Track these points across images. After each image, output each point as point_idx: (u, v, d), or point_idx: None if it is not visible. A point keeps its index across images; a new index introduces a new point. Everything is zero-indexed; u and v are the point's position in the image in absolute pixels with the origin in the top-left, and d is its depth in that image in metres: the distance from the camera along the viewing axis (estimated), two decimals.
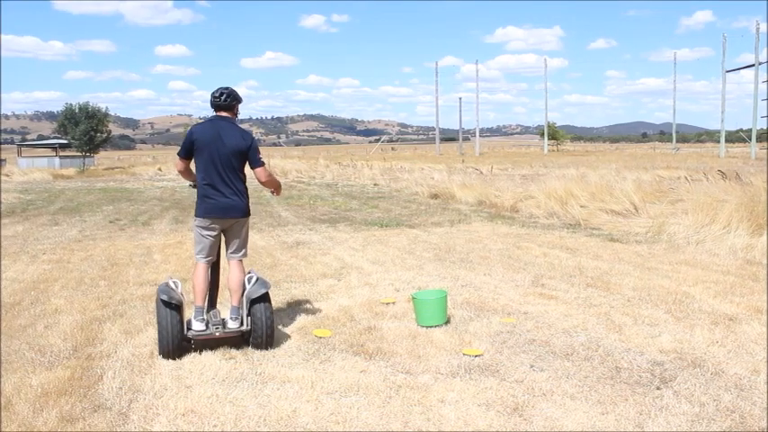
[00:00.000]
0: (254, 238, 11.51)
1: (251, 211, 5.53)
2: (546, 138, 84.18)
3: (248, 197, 5.43)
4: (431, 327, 5.72)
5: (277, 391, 4.37)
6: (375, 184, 25.56)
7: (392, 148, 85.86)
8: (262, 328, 5.15)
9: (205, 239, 5.33)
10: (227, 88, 5.38)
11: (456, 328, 5.76)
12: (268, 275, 7.95)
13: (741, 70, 64.78)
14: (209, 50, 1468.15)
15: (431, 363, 4.87)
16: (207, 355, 5.08)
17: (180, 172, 5.60)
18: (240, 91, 5.42)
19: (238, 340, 5.34)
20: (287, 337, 5.58)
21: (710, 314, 6.13)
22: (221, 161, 5.21)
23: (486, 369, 4.73)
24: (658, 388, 4.38)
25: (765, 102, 53.94)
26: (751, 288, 7.23)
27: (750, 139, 54.96)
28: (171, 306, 5.02)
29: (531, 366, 4.80)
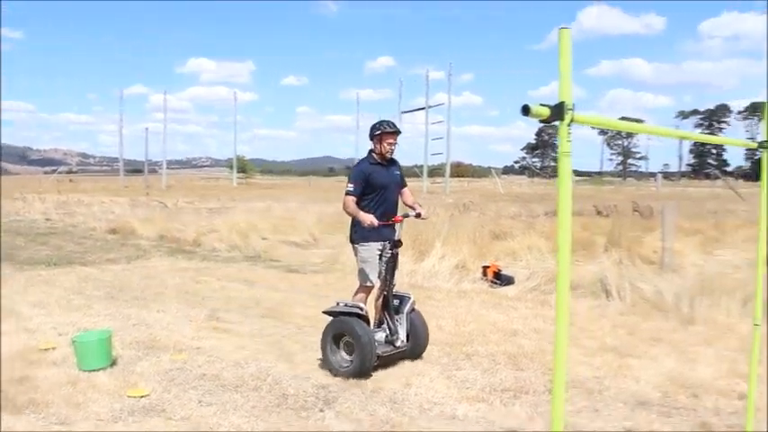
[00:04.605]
0: None
1: (354, 241, 6.02)
2: (235, 171, 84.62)
3: (352, 226, 5.98)
4: (94, 370, 5.37)
5: None
6: (47, 219, 23.41)
7: (70, 180, 79.40)
8: None
9: None
10: None
11: (123, 369, 5.49)
12: None
13: (415, 112, 71.58)
14: None
15: (91, 409, 4.57)
16: None
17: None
18: None
19: None
20: None
21: None
22: None
23: (152, 409, 4.58)
24: (321, 410, 4.61)
25: (435, 141, 60.63)
26: None
27: (422, 174, 60.99)
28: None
29: (200, 402, 4.75)
